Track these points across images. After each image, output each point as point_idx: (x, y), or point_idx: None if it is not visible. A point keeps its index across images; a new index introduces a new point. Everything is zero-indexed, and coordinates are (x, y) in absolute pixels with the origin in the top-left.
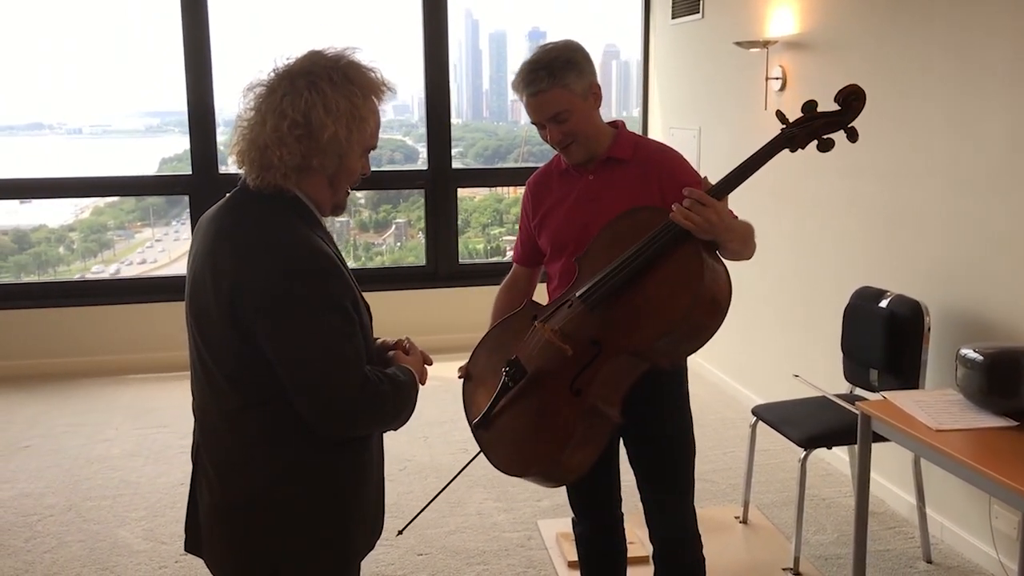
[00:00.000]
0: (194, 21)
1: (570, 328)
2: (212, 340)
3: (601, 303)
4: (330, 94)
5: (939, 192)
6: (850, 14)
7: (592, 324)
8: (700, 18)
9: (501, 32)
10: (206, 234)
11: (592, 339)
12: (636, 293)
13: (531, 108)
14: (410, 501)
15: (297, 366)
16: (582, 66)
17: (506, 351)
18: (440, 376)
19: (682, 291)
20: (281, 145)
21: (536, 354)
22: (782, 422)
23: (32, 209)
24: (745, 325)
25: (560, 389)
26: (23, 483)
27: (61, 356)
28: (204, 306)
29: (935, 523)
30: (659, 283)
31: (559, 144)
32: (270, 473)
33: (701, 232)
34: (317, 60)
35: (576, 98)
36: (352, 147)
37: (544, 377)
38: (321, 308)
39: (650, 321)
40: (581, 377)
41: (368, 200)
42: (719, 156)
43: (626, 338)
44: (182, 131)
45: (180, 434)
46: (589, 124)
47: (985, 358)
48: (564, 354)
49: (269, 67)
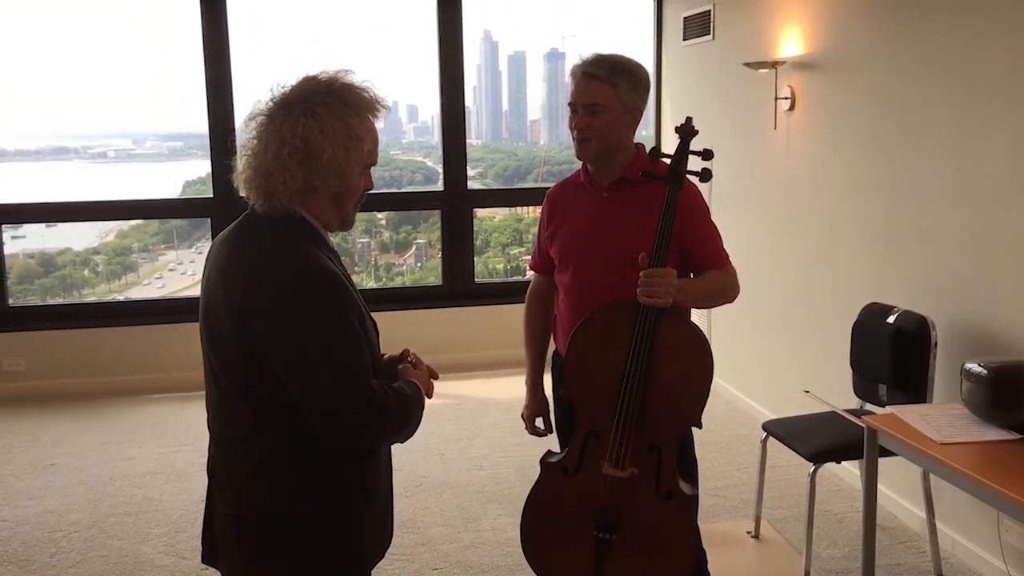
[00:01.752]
0: (215, 44)
1: (624, 452)
2: (225, 358)
3: (636, 416)
4: (325, 118)
5: (945, 208)
6: (856, 35)
7: (640, 436)
8: (711, 39)
9: (520, 54)
10: (217, 256)
11: (648, 446)
12: (658, 385)
13: (576, 88)
14: (425, 517)
15: (306, 381)
16: (638, 84)
17: (579, 515)
18: (456, 394)
19: (695, 358)
20: (284, 171)
21: (612, 494)
22: (791, 437)
23: (57, 232)
24: (758, 342)
25: (653, 506)
26: (49, 500)
27: (87, 376)
28: (217, 325)
29: (946, 537)
30: (671, 365)
31: (579, 132)
32: (282, 486)
33: (668, 302)
34: (311, 86)
35: (617, 102)
36: (351, 166)
37: (633, 508)
38: (328, 324)
39: (685, 397)
40: (661, 483)
41: (389, 221)
42: (731, 175)
43: (675, 424)
44: (205, 154)
45: (201, 452)
46: (614, 133)
47: (989, 372)
48: (634, 476)
49: (267, 95)
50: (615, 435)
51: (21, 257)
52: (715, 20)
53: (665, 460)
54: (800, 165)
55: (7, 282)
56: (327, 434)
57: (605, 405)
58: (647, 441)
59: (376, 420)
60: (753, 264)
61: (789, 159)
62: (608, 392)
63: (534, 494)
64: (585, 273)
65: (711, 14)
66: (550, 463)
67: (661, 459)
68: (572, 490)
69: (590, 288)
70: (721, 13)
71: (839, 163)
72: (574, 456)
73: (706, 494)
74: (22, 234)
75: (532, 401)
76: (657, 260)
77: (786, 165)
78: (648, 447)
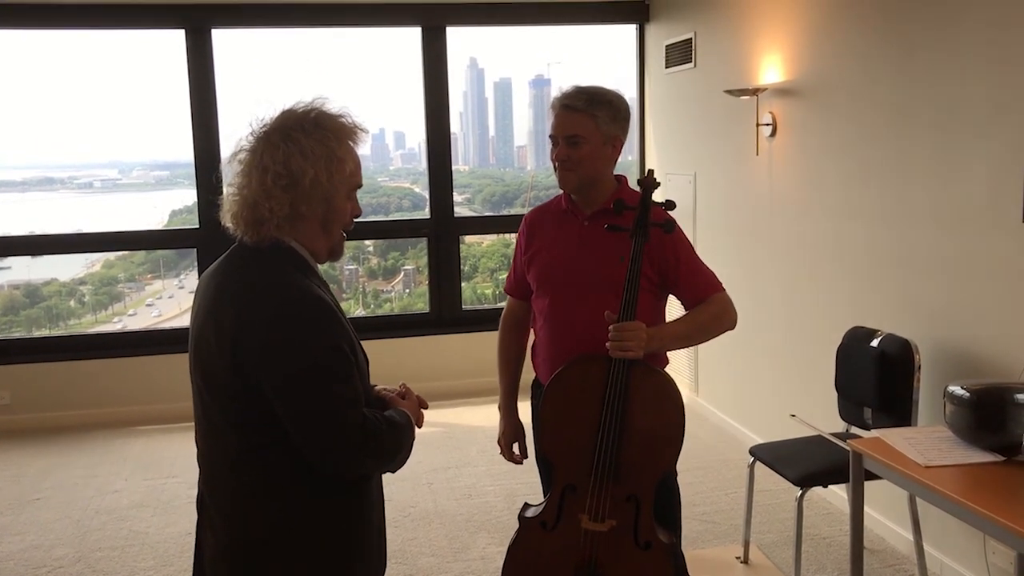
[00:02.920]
0: (200, 74)
1: (603, 504)
2: (215, 389)
3: (613, 468)
4: (304, 142)
5: (925, 232)
6: (836, 62)
7: (618, 488)
8: (693, 67)
9: (506, 80)
10: (207, 289)
11: (627, 497)
12: (633, 436)
13: (556, 121)
14: (414, 547)
15: (298, 408)
16: (617, 115)
17: (559, 570)
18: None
19: (667, 406)
20: (269, 198)
21: (592, 548)
22: (778, 461)
23: (43, 263)
24: (745, 366)
25: (634, 556)
26: (33, 535)
27: (72, 409)
28: (207, 357)
29: (934, 560)
30: (644, 415)
31: (560, 163)
32: (273, 516)
33: (639, 353)
34: (288, 116)
35: (597, 133)
36: (336, 188)
37: (614, 561)
38: (319, 352)
39: (660, 445)
40: (640, 533)
41: (377, 248)
42: (714, 201)
43: (651, 473)
44: (191, 183)
45: (188, 484)
46: (594, 164)
47: (972, 395)
48: (613, 528)
49: (247, 131)
50: (592, 488)
51: (6, 288)
52: (697, 48)
53: (643, 510)
54: (782, 190)
55: None
56: (319, 461)
57: (581, 458)
58: (624, 492)
59: (367, 447)
60: (737, 289)
61: (771, 184)
62: (583, 445)
63: (513, 550)
64: (565, 300)
65: (692, 42)
66: (528, 518)
67: (639, 509)
68: (551, 545)
69: (569, 314)
70: (703, 41)
71: (821, 187)
72: (552, 510)
73: (694, 519)
74: (7, 265)
75: (508, 427)
76: (626, 314)
77: (768, 190)
78: (626, 498)
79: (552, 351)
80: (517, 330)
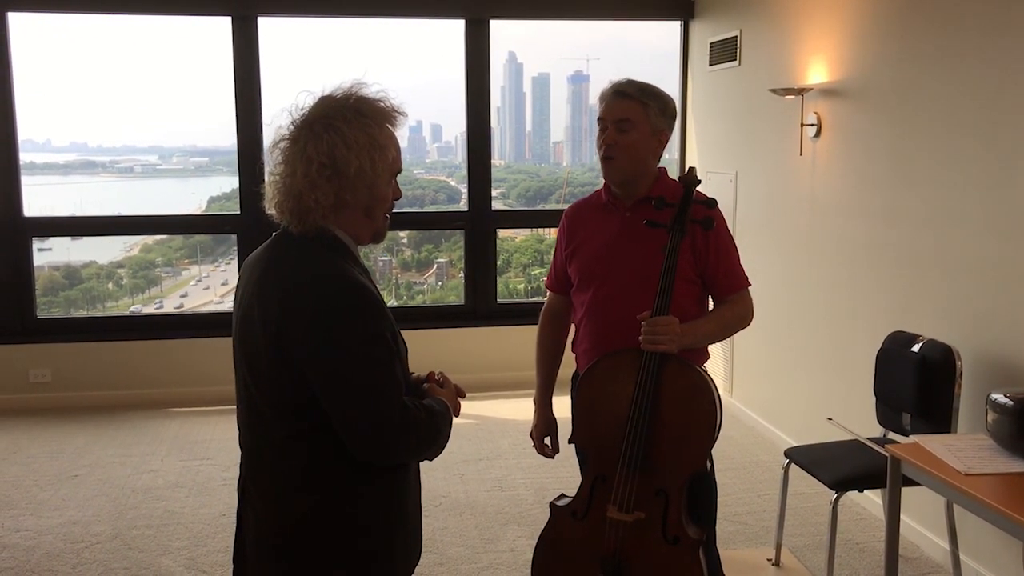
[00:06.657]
0: (245, 61)
1: (631, 497)
2: (260, 374)
3: (642, 460)
4: (347, 131)
5: (970, 236)
6: (883, 62)
7: (646, 480)
8: (737, 65)
9: (545, 76)
10: (251, 275)
11: (656, 491)
12: (663, 430)
13: (606, 106)
14: (445, 537)
15: (341, 396)
16: (666, 109)
17: (586, 560)
18: (476, 414)
19: (698, 404)
20: (314, 188)
21: (618, 539)
22: (814, 465)
23: (82, 245)
24: (780, 368)
25: (661, 550)
26: (71, 511)
27: (111, 388)
28: (253, 342)
29: (969, 569)
30: (675, 410)
31: (608, 148)
32: (314, 501)
33: (672, 348)
34: (329, 103)
35: (646, 122)
36: (379, 175)
37: (640, 554)
38: (363, 340)
39: (690, 442)
40: (668, 528)
41: (411, 240)
42: (755, 200)
43: (680, 469)
44: (230, 171)
45: (223, 466)
46: (639, 153)
47: (1015, 403)
48: (639, 520)
49: (287, 119)
50: (620, 479)
51: (47, 269)
52: (742, 46)
53: (672, 505)
54: (825, 191)
55: (35, 294)
56: (361, 448)
57: (611, 449)
58: (654, 486)
59: (408, 435)
60: (776, 290)
61: (814, 185)
62: (613, 436)
63: (544, 537)
64: (607, 292)
65: (738, 40)
66: (559, 506)
67: (668, 504)
68: (580, 534)
69: (613, 306)
70: (748, 39)
71: (865, 190)
72: (582, 499)
73: (727, 520)
74: (48, 246)
75: (540, 421)
76: (660, 308)
77: (811, 191)
78: (655, 492)
79: (594, 343)
80: (556, 325)
